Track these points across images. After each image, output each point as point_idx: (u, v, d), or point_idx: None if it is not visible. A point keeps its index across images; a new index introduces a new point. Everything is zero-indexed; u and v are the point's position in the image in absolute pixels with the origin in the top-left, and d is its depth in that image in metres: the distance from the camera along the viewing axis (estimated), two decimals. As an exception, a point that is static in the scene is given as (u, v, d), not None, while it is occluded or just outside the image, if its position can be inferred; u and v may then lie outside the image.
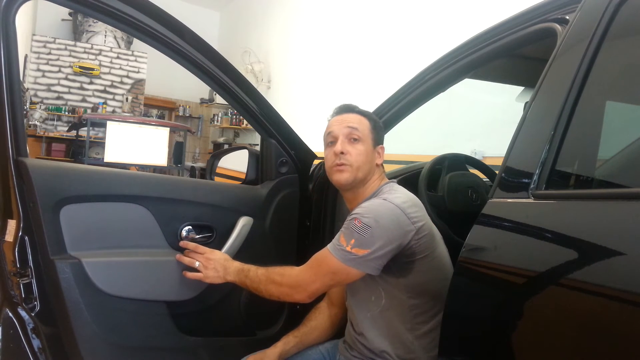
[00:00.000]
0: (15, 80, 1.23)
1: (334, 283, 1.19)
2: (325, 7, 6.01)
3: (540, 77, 0.95)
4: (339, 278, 1.15)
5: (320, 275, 1.16)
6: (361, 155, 1.27)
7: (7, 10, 1.21)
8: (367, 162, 1.27)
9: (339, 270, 1.12)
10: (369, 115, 1.34)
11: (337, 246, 1.13)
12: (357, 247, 1.09)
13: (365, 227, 1.10)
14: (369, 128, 1.31)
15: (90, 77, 7.45)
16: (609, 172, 1.04)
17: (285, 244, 1.67)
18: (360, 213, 1.13)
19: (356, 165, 1.26)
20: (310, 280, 1.17)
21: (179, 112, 9.17)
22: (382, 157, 1.33)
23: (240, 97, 1.58)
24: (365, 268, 1.12)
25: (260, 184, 1.70)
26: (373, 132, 1.31)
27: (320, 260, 1.16)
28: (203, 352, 1.47)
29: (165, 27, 1.41)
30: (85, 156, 6.00)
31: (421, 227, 1.14)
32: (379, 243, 1.09)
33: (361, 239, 1.09)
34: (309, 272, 1.19)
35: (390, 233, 1.10)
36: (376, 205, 1.15)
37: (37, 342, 1.23)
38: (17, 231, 1.22)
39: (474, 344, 0.91)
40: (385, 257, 1.11)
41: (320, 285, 1.18)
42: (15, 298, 1.22)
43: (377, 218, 1.11)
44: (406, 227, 1.12)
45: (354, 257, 1.10)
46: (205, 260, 1.36)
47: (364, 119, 1.32)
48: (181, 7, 7.23)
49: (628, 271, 0.65)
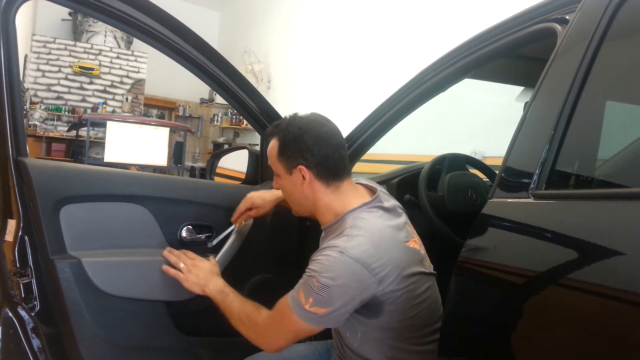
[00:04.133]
0: (15, 80, 1.23)
1: (299, 338, 1.11)
2: (325, 7, 6.01)
3: (540, 77, 0.95)
4: (302, 335, 1.09)
5: (284, 332, 1.09)
6: (285, 190, 1.20)
7: (7, 10, 1.21)
8: (293, 194, 1.18)
9: (299, 329, 1.06)
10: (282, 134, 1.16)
11: (297, 301, 1.04)
12: (315, 306, 1.01)
13: (323, 287, 1.00)
14: (276, 155, 1.16)
15: (90, 77, 7.45)
16: (609, 172, 1.04)
17: (285, 244, 1.67)
18: (318, 271, 1.01)
19: (291, 203, 1.21)
20: (275, 335, 1.12)
21: (179, 112, 9.17)
22: (306, 178, 1.13)
23: (240, 97, 1.59)
24: (327, 324, 1.06)
25: (260, 184, 1.70)
26: (281, 158, 1.16)
27: (282, 315, 1.08)
28: (203, 352, 1.47)
29: (166, 27, 1.41)
30: (85, 156, 6.00)
31: (385, 275, 1.02)
32: (338, 302, 1.00)
33: (319, 299, 1.00)
34: (272, 326, 1.12)
35: (352, 291, 1.01)
36: (333, 261, 1.01)
37: (37, 342, 1.23)
38: (17, 231, 1.22)
39: (474, 344, 0.91)
40: (347, 312, 1.04)
41: (284, 342, 1.11)
42: (15, 298, 1.22)
43: (335, 278, 1.00)
44: (367, 281, 1.01)
45: (313, 315, 1.02)
46: (192, 265, 1.31)
47: (274, 143, 1.17)
48: (181, 7, 7.23)
49: (628, 271, 0.65)
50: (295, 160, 1.14)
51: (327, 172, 1.14)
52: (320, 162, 1.13)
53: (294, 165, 1.14)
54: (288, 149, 1.14)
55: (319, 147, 1.13)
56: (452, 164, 1.75)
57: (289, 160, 1.14)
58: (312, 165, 1.13)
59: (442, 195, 1.66)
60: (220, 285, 1.27)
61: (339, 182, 1.16)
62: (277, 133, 1.17)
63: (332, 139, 1.15)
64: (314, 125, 1.15)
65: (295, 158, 1.14)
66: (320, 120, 1.17)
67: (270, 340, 1.13)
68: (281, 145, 1.15)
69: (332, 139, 1.15)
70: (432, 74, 1.39)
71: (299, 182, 1.15)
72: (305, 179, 1.14)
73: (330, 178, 1.15)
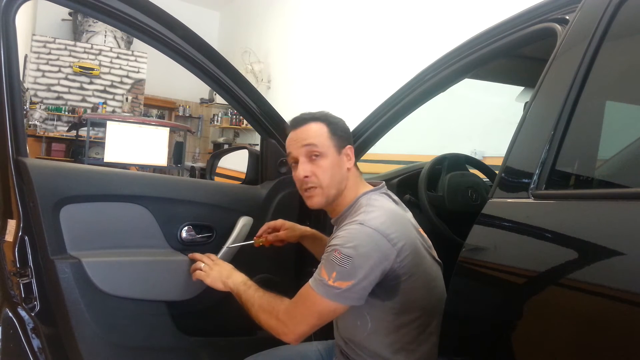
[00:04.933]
0: (15, 80, 1.23)
1: (321, 323, 1.12)
2: (325, 7, 6.01)
3: (540, 77, 0.95)
4: (325, 317, 1.10)
5: (306, 316, 1.10)
6: (326, 172, 1.18)
7: (7, 10, 1.21)
8: (335, 176, 1.19)
9: (323, 308, 1.07)
10: (325, 119, 1.21)
11: (319, 280, 1.07)
12: (339, 280, 1.04)
13: (345, 258, 1.03)
14: (328, 135, 1.19)
15: (90, 77, 7.44)
16: (609, 172, 1.04)
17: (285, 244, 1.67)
18: (340, 244, 1.06)
19: (325, 184, 1.18)
20: (297, 321, 1.12)
21: (179, 112, 9.17)
22: (352, 158, 1.22)
23: (240, 97, 1.59)
24: (350, 301, 1.07)
25: (260, 184, 1.70)
26: (334, 137, 1.19)
27: (305, 299, 1.11)
28: (203, 352, 1.47)
29: (166, 27, 1.41)
30: (85, 156, 6.00)
31: (402, 248, 1.08)
32: (361, 273, 1.04)
33: (343, 271, 1.03)
34: (294, 311, 1.13)
35: (372, 261, 1.04)
36: (354, 232, 1.07)
37: (37, 342, 1.23)
38: (17, 231, 1.22)
39: (474, 344, 0.91)
40: (370, 286, 1.06)
41: (307, 327, 1.11)
42: (15, 298, 1.22)
43: (357, 247, 1.04)
44: (387, 250, 1.06)
45: (338, 291, 1.04)
46: (213, 263, 1.35)
47: (320, 125, 1.20)
48: (181, 7, 7.23)
49: (628, 271, 0.65)
50: (346, 140, 1.22)
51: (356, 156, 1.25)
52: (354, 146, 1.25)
53: (344, 145, 1.21)
54: (339, 129, 1.21)
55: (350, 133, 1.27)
56: (452, 164, 1.76)
57: (341, 140, 1.21)
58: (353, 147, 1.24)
59: (442, 195, 1.66)
60: (243, 278, 1.30)
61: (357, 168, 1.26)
62: (319, 118, 1.22)
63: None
64: None
65: (345, 139, 1.22)
66: None
67: (292, 327, 1.13)
68: (332, 126, 1.20)
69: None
70: (432, 74, 1.39)
71: (345, 161, 1.21)
72: (351, 158, 1.22)
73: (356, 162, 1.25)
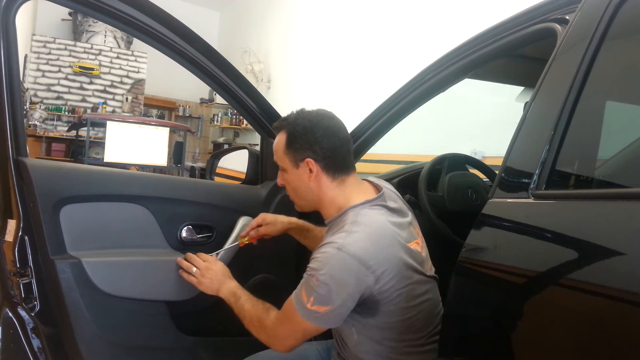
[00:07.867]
0: (15, 80, 1.23)
1: (308, 337, 1.12)
2: (325, 7, 6.01)
3: (540, 77, 0.95)
4: (309, 334, 1.11)
5: (292, 332, 1.11)
6: (289, 185, 1.19)
7: (7, 10, 1.21)
8: (298, 189, 1.18)
9: (306, 328, 1.07)
10: (288, 127, 1.16)
11: (300, 301, 1.06)
12: (316, 304, 1.03)
13: (321, 284, 1.01)
14: (284, 148, 1.16)
15: (90, 77, 7.44)
16: (609, 172, 1.04)
17: (284, 244, 1.67)
18: (316, 269, 1.03)
19: (296, 197, 1.20)
20: (284, 336, 1.13)
21: (179, 112, 9.17)
22: (314, 173, 1.13)
23: (240, 97, 1.59)
24: (329, 324, 1.07)
25: (260, 184, 1.70)
26: (288, 150, 1.15)
27: (289, 316, 1.10)
28: (203, 352, 1.47)
29: (166, 27, 1.41)
30: (85, 156, 6.00)
31: (382, 274, 1.03)
32: (338, 300, 1.02)
33: (320, 297, 1.02)
34: (280, 327, 1.13)
35: (350, 288, 1.02)
36: (331, 258, 1.02)
37: (37, 342, 1.23)
38: (17, 231, 1.22)
39: (473, 344, 0.91)
40: (348, 310, 1.05)
41: (294, 341, 1.12)
42: (15, 298, 1.22)
43: (333, 273, 1.01)
44: (364, 278, 1.02)
45: (315, 315, 1.04)
46: (205, 268, 1.32)
47: (281, 136, 1.17)
48: (181, 7, 7.23)
49: (628, 271, 0.65)
50: (303, 152, 1.14)
51: (334, 165, 1.15)
52: (328, 155, 1.14)
53: (302, 158, 1.14)
54: (297, 141, 1.14)
55: (328, 140, 1.13)
56: (452, 164, 1.76)
57: (297, 153, 1.14)
58: (319, 158, 1.13)
59: (442, 195, 1.66)
60: (233, 288, 1.29)
61: (345, 176, 1.16)
62: (285, 126, 1.17)
63: (339, 132, 1.16)
64: (323, 118, 1.16)
65: (303, 150, 1.14)
66: (328, 114, 1.19)
67: (280, 342, 1.14)
68: (289, 138, 1.15)
69: (340, 132, 1.16)
70: (432, 74, 1.39)
71: (306, 175, 1.15)
72: (313, 172, 1.14)
73: (337, 171, 1.15)
